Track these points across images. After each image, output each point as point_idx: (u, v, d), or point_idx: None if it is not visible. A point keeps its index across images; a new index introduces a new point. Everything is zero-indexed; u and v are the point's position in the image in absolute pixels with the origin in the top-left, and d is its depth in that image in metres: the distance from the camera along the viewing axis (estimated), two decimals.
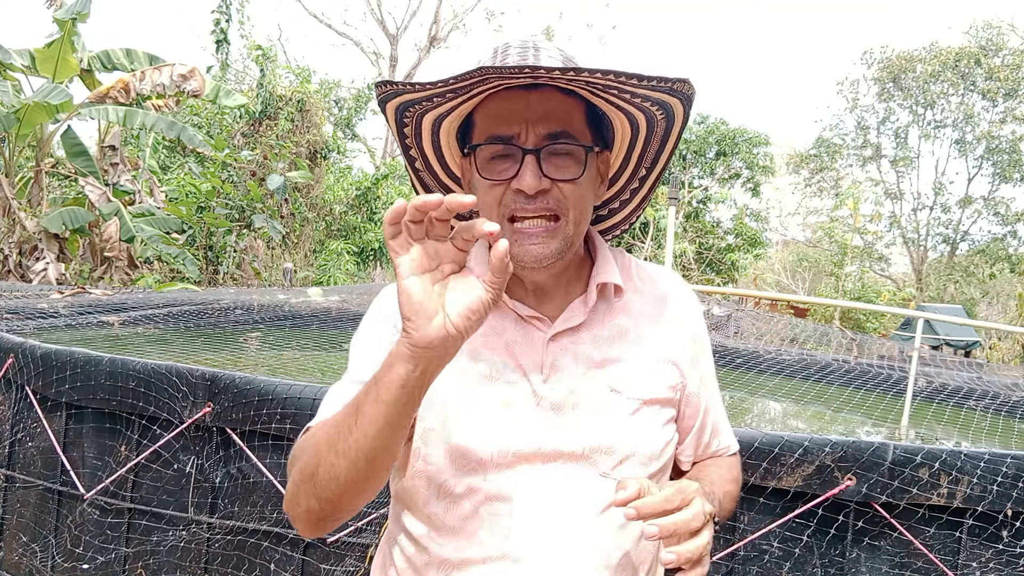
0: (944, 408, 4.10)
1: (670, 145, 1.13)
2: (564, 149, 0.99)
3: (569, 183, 0.99)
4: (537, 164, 0.97)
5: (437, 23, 23.23)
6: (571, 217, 1.00)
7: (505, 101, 0.99)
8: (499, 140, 0.99)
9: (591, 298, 1.06)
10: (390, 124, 1.08)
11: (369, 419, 0.84)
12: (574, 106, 1.01)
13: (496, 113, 1.00)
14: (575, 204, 1.00)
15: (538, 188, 0.97)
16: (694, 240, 16.80)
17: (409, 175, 1.19)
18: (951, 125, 23.12)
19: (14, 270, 8.32)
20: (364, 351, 1.07)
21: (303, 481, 0.91)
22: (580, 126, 1.02)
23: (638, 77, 0.95)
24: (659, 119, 1.07)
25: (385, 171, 15.96)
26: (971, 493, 1.48)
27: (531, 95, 0.98)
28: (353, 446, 0.85)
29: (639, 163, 1.17)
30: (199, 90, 9.11)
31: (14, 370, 2.14)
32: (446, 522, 1.00)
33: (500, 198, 0.99)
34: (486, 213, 1.03)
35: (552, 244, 0.99)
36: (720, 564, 1.55)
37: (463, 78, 0.93)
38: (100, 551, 1.93)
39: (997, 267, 22.19)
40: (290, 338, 4.45)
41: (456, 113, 1.06)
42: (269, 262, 12.41)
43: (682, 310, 1.13)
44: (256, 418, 1.77)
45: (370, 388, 0.85)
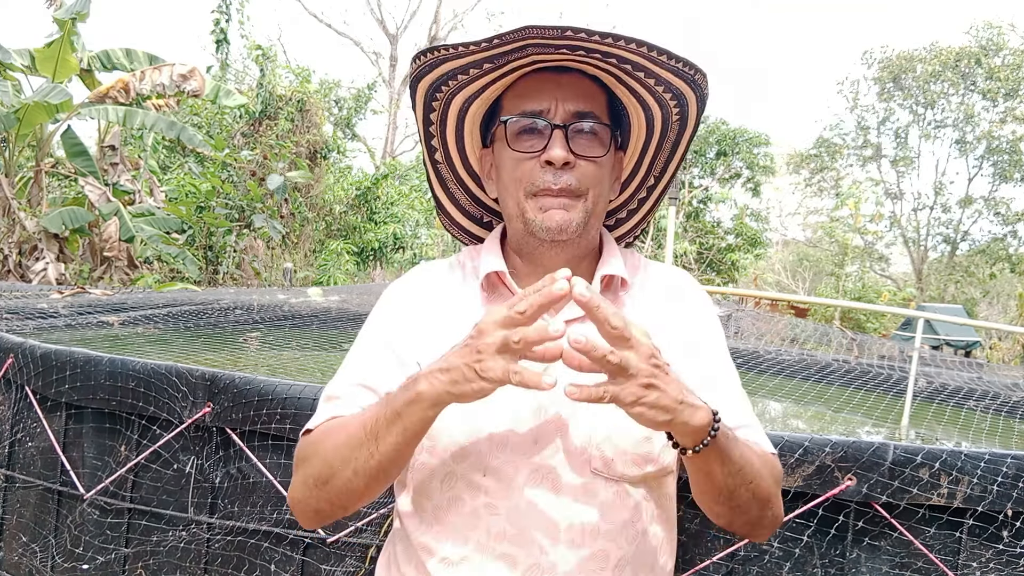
0: (944, 408, 4.10)
1: (678, 154, 1.16)
2: (590, 128, 1.03)
3: (593, 161, 1.03)
4: (565, 139, 1.01)
5: (437, 23, 23.23)
6: (591, 195, 1.04)
7: (536, 82, 1.04)
8: (530, 115, 1.03)
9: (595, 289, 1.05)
10: (417, 107, 1.11)
11: (391, 445, 0.89)
12: (598, 92, 1.06)
13: (527, 92, 1.04)
14: (596, 183, 1.04)
15: (565, 159, 1.00)
16: (694, 240, 16.81)
17: (426, 167, 1.20)
18: (951, 125, 23.12)
19: (14, 270, 8.32)
20: (368, 354, 1.07)
21: (315, 487, 0.95)
22: (603, 111, 1.06)
23: (668, 53, 0.99)
24: (673, 120, 1.10)
25: (385, 171, 15.95)
26: (971, 493, 1.48)
27: (561, 77, 1.03)
28: (374, 467, 0.91)
29: (648, 171, 1.20)
30: (199, 90, 9.11)
31: (14, 370, 2.14)
32: (447, 520, 1.00)
33: (527, 173, 1.03)
34: (511, 190, 1.06)
35: (574, 214, 1.03)
36: (720, 564, 1.55)
37: (505, 37, 0.96)
38: (100, 551, 1.93)
39: (997, 267, 22.19)
40: (290, 338, 4.44)
41: (484, 97, 1.09)
42: (269, 262, 12.41)
43: (689, 305, 1.12)
44: (256, 418, 1.77)
45: (392, 420, 0.88)
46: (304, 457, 1.00)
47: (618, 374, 0.80)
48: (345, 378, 1.05)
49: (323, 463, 0.95)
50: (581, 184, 1.02)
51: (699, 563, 1.55)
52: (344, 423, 0.97)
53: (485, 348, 0.81)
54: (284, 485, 1.78)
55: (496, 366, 0.80)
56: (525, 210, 1.04)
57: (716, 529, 1.55)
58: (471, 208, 1.24)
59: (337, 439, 0.94)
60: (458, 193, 1.23)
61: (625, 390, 0.80)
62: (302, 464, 1.00)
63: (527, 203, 1.03)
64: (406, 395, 0.87)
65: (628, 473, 1.01)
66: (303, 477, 0.98)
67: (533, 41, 0.97)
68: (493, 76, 1.05)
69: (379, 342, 1.07)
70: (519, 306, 0.80)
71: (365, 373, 1.04)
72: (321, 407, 1.05)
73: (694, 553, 1.55)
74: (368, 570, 1.73)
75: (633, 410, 0.82)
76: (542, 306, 0.80)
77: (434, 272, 1.15)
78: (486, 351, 0.81)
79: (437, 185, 1.22)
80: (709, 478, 0.94)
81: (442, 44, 1.00)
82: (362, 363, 1.06)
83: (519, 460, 0.98)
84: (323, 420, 1.01)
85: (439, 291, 1.11)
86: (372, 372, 1.04)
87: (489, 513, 0.98)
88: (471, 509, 0.99)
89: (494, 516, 0.98)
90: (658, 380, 0.82)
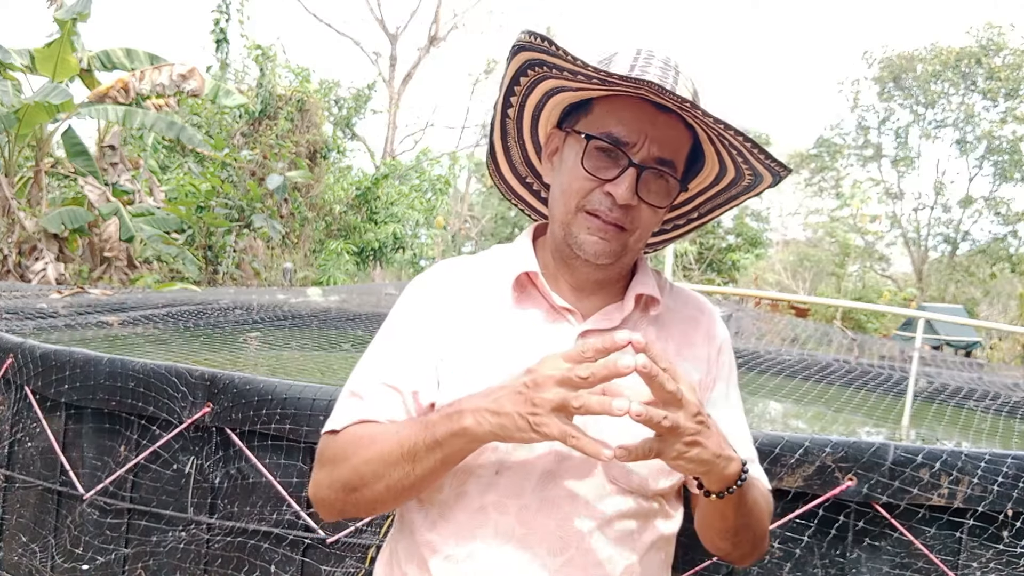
0: (945, 408, 4.10)
1: (731, 206, 1.16)
2: (664, 177, 1.01)
3: (652, 208, 1.02)
4: (635, 180, 0.99)
5: (437, 23, 23.23)
6: (638, 234, 1.03)
7: (633, 108, 1.00)
8: (616, 142, 1.00)
9: (628, 305, 1.07)
10: (509, 69, 1.06)
11: (428, 469, 0.92)
12: (686, 139, 1.04)
13: (624, 116, 1.01)
14: (645, 225, 1.03)
15: (627, 201, 0.99)
16: (695, 240, 16.81)
17: (495, 115, 1.15)
18: (952, 125, 23.13)
19: (13, 270, 8.32)
20: (392, 352, 1.06)
21: (343, 492, 0.98)
22: (683, 160, 1.04)
23: (761, 149, 0.98)
24: (745, 180, 1.09)
25: (385, 171, 15.96)
26: (972, 493, 1.48)
27: (660, 115, 1.00)
28: (408, 486, 0.94)
29: (696, 208, 1.19)
30: (199, 90, 9.11)
31: (13, 370, 2.14)
32: (454, 517, 1.00)
33: (587, 192, 1.01)
34: (565, 197, 1.04)
35: (613, 245, 1.02)
36: (720, 564, 1.55)
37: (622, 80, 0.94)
38: (100, 551, 1.93)
39: (998, 267, 22.19)
40: (290, 338, 4.44)
41: (575, 95, 1.06)
42: (269, 262, 12.40)
43: (710, 334, 1.14)
44: (256, 418, 1.77)
45: (432, 447, 0.90)
46: (330, 459, 1.00)
47: (668, 434, 0.83)
48: (369, 374, 1.04)
49: (353, 472, 0.96)
50: (633, 224, 1.02)
51: (699, 563, 1.55)
52: (375, 436, 0.97)
53: (542, 403, 0.82)
54: (284, 485, 1.77)
55: (552, 424, 0.82)
56: (571, 222, 1.03)
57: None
58: (521, 167, 1.23)
59: (369, 452, 0.95)
60: (514, 149, 1.21)
61: (670, 447, 0.84)
62: (328, 465, 1.00)
63: (575, 216, 1.03)
64: (449, 426, 0.88)
65: (645, 486, 1.01)
66: (329, 480, 0.99)
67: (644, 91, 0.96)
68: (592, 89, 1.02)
69: (403, 339, 1.06)
70: (581, 371, 0.81)
71: (389, 372, 1.03)
72: (345, 404, 1.03)
73: (694, 553, 1.55)
74: (368, 570, 1.73)
75: (673, 462, 0.86)
76: (605, 377, 0.81)
77: (460, 269, 1.13)
78: (542, 406, 0.82)
79: (498, 134, 1.19)
80: (723, 519, 0.99)
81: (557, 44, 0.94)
82: (386, 360, 1.05)
83: (536, 461, 0.97)
84: (349, 422, 1.01)
85: (465, 288, 1.09)
86: (397, 371, 1.03)
87: (497, 511, 0.97)
88: (479, 506, 0.98)
89: (503, 515, 0.97)
90: (701, 436, 0.85)
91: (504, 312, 1.06)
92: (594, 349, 0.82)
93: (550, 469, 0.98)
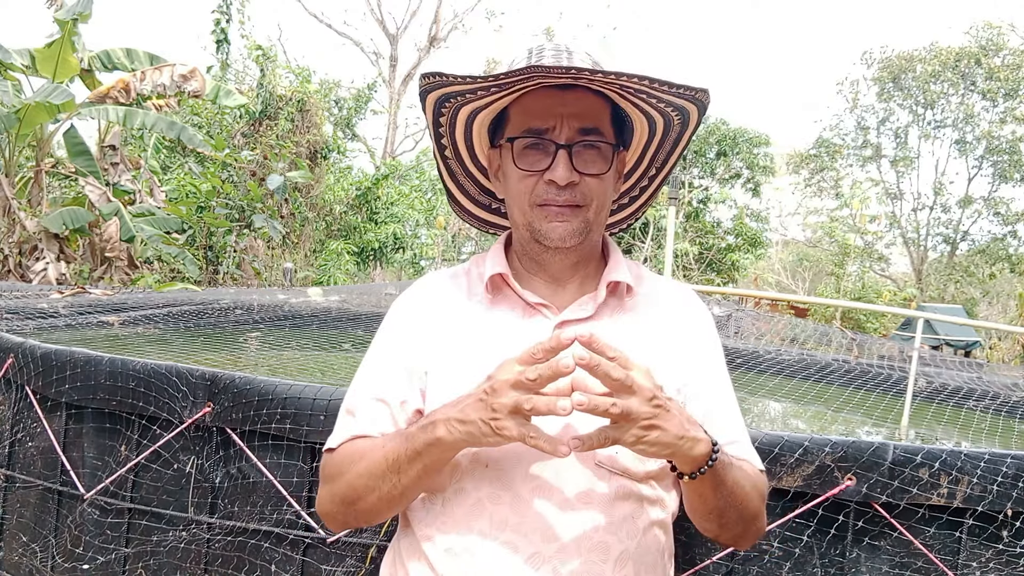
0: (944, 408, 4.10)
1: (680, 148, 1.20)
2: (594, 145, 1.06)
3: (595, 177, 1.07)
4: (569, 158, 1.04)
5: (437, 23, 23.23)
6: (593, 207, 1.08)
7: (542, 98, 1.06)
8: (535, 133, 1.06)
9: (601, 294, 1.11)
10: (427, 114, 1.15)
11: (412, 478, 0.97)
12: (603, 107, 1.09)
13: (533, 109, 1.07)
14: (598, 196, 1.08)
15: (569, 180, 1.04)
16: (694, 240, 16.80)
17: (437, 162, 1.25)
18: (951, 125, 23.11)
19: (14, 270, 8.32)
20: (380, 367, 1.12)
21: (342, 505, 1.04)
22: (607, 126, 1.09)
23: (668, 84, 1.02)
24: (675, 123, 1.14)
25: (385, 171, 15.95)
26: (971, 493, 1.48)
27: (566, 94, 1.05)
28: (397, 495, 0.99)
29: (651, 163, 1.24)
30: (199, 90, 9.11)
31: (14, 370, 2.14)
32: (452, 511, 1.03)
33: (532, 187, 1.07)
34: (517, 201, 1.10)
35: (575, 223, 1.07)
36: (720, 564, 1.55)
37: (512, 75, 1.00)
38: (100, 551, 1.93)
39: (997, 267, 22.19)
40: (290, 338, 4.44)
41: (492, 108, 1.12)
42: (269, 262, 12.41)
43: (689, 316, 1.16)
44: (256, 418, 1.77)
45: (413, 458, 0.95)
46: (329, 476, 1.07)
47: (621, 420, 0.86)
48: (361, 391, 1.11)
49: (348, 487, 1.02)
50: (584, 198, 1.06)
51: (699, 563, 1.55)
52: (365, 451, 1.02)
53: (500, 408, 0.87)
54: (284, 485, 1.78)
55: (512, 427, 0.87)
56: (531, 220, 1.08)
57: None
58: (480, 197, 1.30)
59: (360, 467, 1.01)
60: (467, 184, 1.29)
61: (627, 433, 0.86)
62: (327, 481, 1.07)
63: (532, 213, 1.08)
64: (425, 437, 0.94)
65: (631, 468, 1.03)
66: (330, 495, 1.06)
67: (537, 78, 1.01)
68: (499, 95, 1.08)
69: (390, 354, 1.12)
70: (529, 373, 0.86)
71: (379, 386, 1.10)
72: (340, 422, 1.10)
73: (694, 553, 1.55)
74: (368, 570, 1.73)
75: (635, 448, 0.88)
76: (551, 377, 0.85)
77: (439, 282, 1.19)
78: (500, 411, 0.87)
79: (448, 177, 1.27)
80: (702, 499, 1.00)
81: (448, 73, 1.03)
82: (375, 376, 1.11)
83: (524, 452, 0.99)
84: (344, 440, 1.07)
85: (444, 300, 1.15)
86: (385, 385, 1.09)
87: (492, 503, 1.01)
88: (475, 500, 1.02)
89: (497, 505, 1.00)
90: (659, 420, 0.87)
91: (481, 315, 1.12)
92: (543, 350, 0.86)
93: (539, 458, 1.00)
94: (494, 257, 1.15)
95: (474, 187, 1.29)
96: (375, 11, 23.28)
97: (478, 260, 1.20)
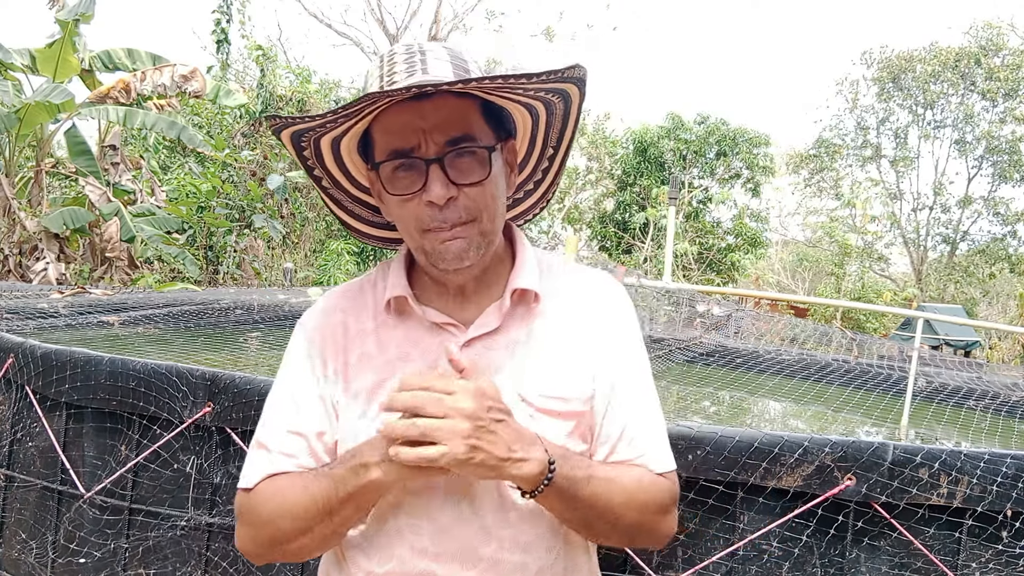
0: (944, 408, 4.10)
1: (571, 123, 1.11)
2: (466, 152, 0.98)
3: (477, 186, 0.98)
4: (442, 172, 0.96)
5: (437, 23, 23.22)
6: (484, 217, 1.00)
7: (399, 114, 0.97)
8: (399, 155, 0.98)
9: (506, 303, 1.05)
10: (288, 150, 1.07)
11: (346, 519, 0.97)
12: (469, 106, 1.00)
13: (392, 128, 0.98)
14: (487, 204, 1.00)
15: (447, 196, 0.96)
16: (694, 240, 16.81)
17: (319, 193, 1.17)
18: (951, 125, 23.11)
19: (14, 270, 8.32)
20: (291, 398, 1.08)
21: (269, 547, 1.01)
22: (479, 125, 1.00)
23: (527, 76, 0.94)
24: (556, 102, 1.06)
25: None
26: (971, 493, 1.48)
27: (424, 104, 0.97)
28: (330, 534, 0.98)
29: (544, 145, 1.16)
30: (200, 91, 9.12)
31: (14, 370, 2.14)
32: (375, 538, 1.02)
33: (414, 211, 0.99)
34: (403, 228, 1.03)
35: (469, 239, 0.99)
36: (720, 564, 1.55)
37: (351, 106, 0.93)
38: (100, 550, 1.93)
39: (997, 267, 22.18)
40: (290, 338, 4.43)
41: (352, 133, 1.04)
42: (269, 262, 12.41)
43: (602, 315, 1.09)
44: (256, 418, 1.76)
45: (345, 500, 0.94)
46: (248, 518, 1.03)
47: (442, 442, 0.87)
48: (273, 423, 1.07)
49: (274, 529, 0.99)
50: (471, 211, 0.98)
51: (699, 563, 1.55)
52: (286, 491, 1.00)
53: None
54: None
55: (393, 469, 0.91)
56: (422, 244, 1.01)
57: (716, 529, 1.55)
58: (375, 218, 1.21)
59: (285, 509, 0.98)
60: (357, 209, 1.20)
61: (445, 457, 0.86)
62: (247, 524, 1.03)
63: (422, 240, 1.00)
64: (357, 480, 0.93)
65: None
66: (251, 535, 1.03)
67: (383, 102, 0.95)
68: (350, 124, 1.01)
69: (300, 383, 1.08)
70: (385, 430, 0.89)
71: (292, 418, 1.06)
72: (253, 458, 1.06)
73: (694, 553, 1.56)
74: None
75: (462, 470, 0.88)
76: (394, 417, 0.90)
77: (344, 299, 1.13)
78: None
79: (334, 206, 1.19)
80: (558, 513, 0.99)
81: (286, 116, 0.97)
82: (286, 407, 1.07)
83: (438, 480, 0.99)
84: (260, 478, 1.03)
85: (350, 319, 1.10)
86: (298, 416, 1.06)
87: (411, 532, 1.00)
88: (395, 527, 1.01)
89: (417, 535, 1.00)
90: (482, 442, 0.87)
91: (389, 334, 1.07)
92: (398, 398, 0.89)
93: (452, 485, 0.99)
94: (395, 276, 1.08)
95: (365, 209, 1.19)
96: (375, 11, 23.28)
97: (382, 273, 1.13)
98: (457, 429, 0.85)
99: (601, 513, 0.97)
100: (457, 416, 0.86)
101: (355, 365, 1.06)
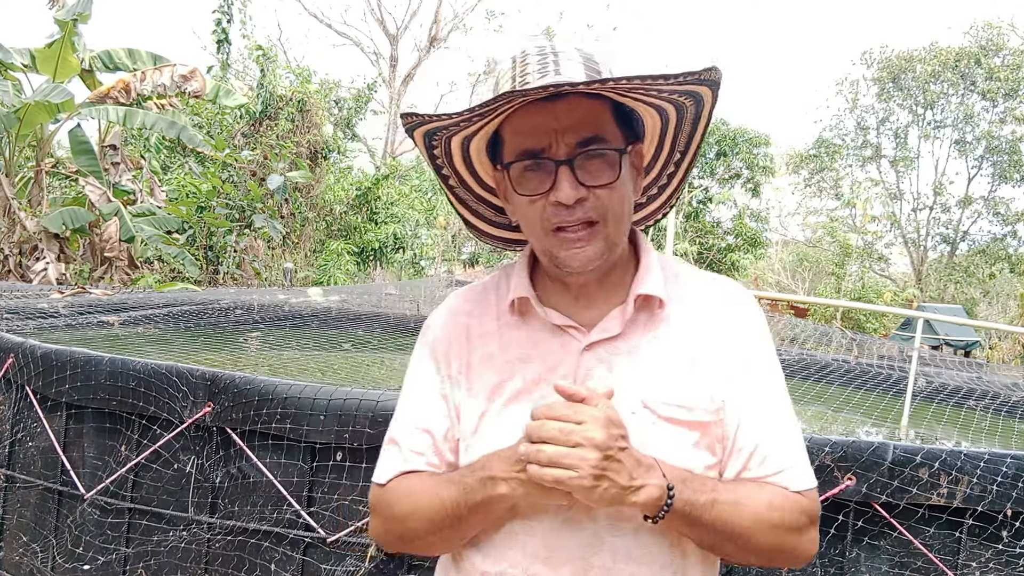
0: (944, 408, 4.10)
1: (701, 127, 1.11)
2: (597, 154, 0.98)
3: (606, 188, 0.98)
4: (571, 173, 0.97)
5: (437, 23, 23.22)
6: (610, 219, 1.00)
7: (531, 115, 0.98)
8: (530, 155, 0.98)
9: (629, 309, 1.04)
10: (419, 149, 1.09)
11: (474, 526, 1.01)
12: (601, 108, 1.00)
13: (523, 128, 0.99)
14: (614, 207, 1.00)
15: (576, 198, 0.97)
16: (694, 240, 16.80)
17: (444, 192, 1.18)
18: (951, 125, 23.11)
19: (14, 270, 8.32)
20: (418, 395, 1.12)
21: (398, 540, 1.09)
22: (610, 128, 1.01)
23: (664, 77, 0.94)
24: (688, 105, 1.06)
25: (385, 171, 15.95)
26: (971, 493, 1.48)
27: (557, 105, 0.97)
28: (458, 539, 1.04)
29: (672, 148, 1.15)
30: (200, 91, 9.12)
31: (14, 370, 2.14)
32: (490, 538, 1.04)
33: (541, 212, 0.99)
34: (529, 228, 1.04)
35: (595, 245, 1.00)
36: (720, 564, 1.55)
37: (486, 105, 0.94)
38: (100, 551, 1.93)
39: (997, 267, 22.19)
40: (290, 338, 4.45)
41: (483, 132, 1.05)
42: (269, 262, 12.40)
43: (732, 324, 1.07)
44: (256, 418, 1.77)
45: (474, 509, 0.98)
46: (382, 513, 1.09)
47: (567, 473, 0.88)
48: (403, 419, 1.11)
49: (405, 528, 1.05)
50: (598, 213, 0.99)
51: None
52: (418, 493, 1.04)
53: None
54: (284, 485, 1.78)
55: None
56: (548, 247, 1.01)
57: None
58: (497, 218, 1.22)
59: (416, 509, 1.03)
60: (481, 208, 1.21)
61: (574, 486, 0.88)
62: (380, 516, 1.09)
63: (548, 240, 1.01)
64: (485, 492, 0.96)
65: None
66: (384, 528, 1.09)
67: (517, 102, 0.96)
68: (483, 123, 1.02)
69: (425, 382, 1.11)
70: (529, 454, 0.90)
71: (419, 416, 1.09)
72: (386, 454, 1.10)
73: None
74: (368, 569, 1.73)
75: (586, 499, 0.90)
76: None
77: (468, 300, 1.15)
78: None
79: (459, 205, 1.20)
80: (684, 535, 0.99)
81: (422, 113, 0.98)
82: (415, 405, 1.11)
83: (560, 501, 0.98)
84: (393, 475, 1.07)
85: (473, 322, 1.11)
86: (425, 414, 1.09)
87: (525, 534, 1.01)
88: (509, 529, 1.02)
89: (530, 537, 1.00)
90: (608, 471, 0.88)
91: (511, 335, 1.08)
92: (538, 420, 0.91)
93: None
94: (518, 277, 1.09)
95: (488, 209, 1.21)
96: (375, 11, 23.28)
97: (505, 274, 1.14)
98: (586, 458, 0.87)
99: (729, 536, 0.97)
100: (588, 446, 0.87)
101: (477, 366, 1.08)
